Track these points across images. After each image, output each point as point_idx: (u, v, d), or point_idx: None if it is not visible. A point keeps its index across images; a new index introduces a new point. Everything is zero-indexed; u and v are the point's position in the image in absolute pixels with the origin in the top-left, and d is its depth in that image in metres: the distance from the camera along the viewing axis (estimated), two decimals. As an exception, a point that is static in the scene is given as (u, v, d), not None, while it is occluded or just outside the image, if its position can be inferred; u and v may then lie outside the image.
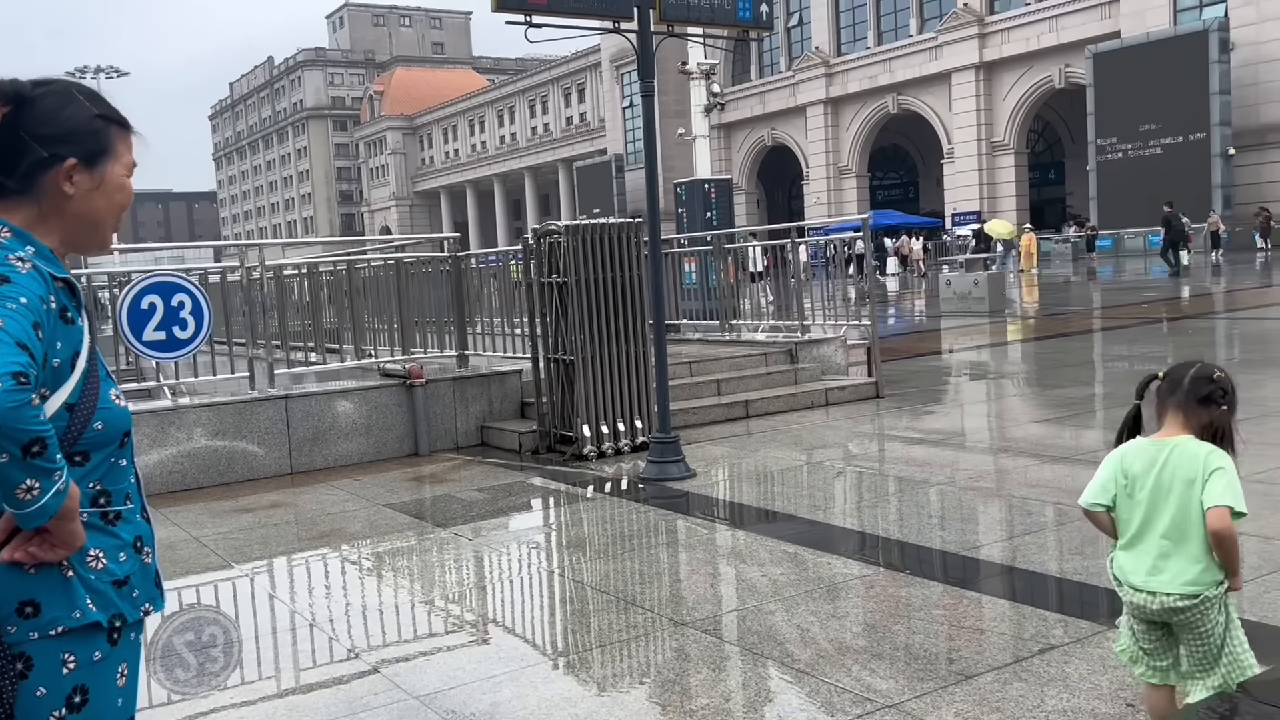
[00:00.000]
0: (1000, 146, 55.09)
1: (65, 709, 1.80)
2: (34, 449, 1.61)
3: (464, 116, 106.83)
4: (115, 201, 1.95)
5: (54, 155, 1.85)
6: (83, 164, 1.88)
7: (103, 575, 1.83)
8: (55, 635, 1.78)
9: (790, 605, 4.51)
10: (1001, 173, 55.42)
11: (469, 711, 3.60)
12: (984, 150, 55.41)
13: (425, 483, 8.00)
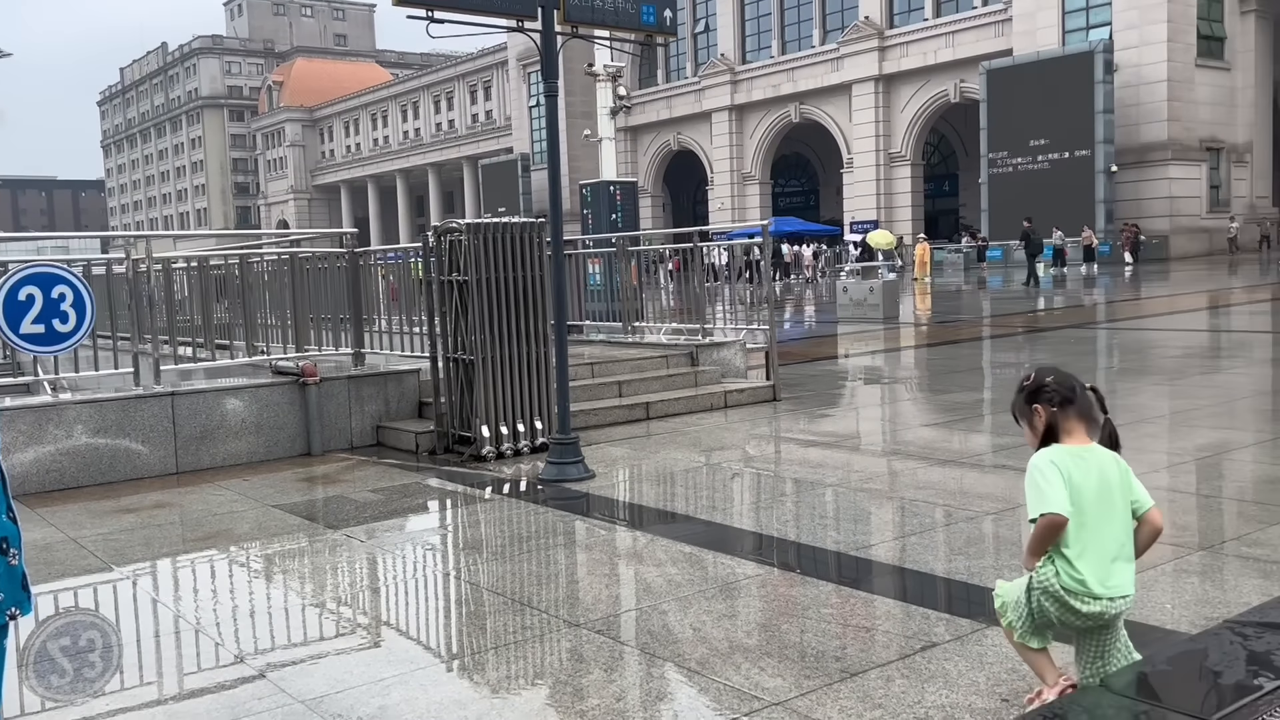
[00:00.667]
0: (897, 158, 56.53)
1: None
2: None
3: (366, 110, 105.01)
4: None
5: None
6: None
7: None
8: None
9: (685, 605, 4.55)
10: (898, 183, 56.87)
11: (356, 715, 3.55)
12: (882, 161, 56.80)
13: (318, 483, 7.84)
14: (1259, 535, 5.15)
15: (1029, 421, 3.11)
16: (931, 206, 60.78)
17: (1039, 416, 3.07)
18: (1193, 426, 8.30)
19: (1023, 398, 3.12)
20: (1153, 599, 4.30)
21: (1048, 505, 2.88)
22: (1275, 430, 8.13)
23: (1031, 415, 3.09)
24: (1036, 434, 3.08)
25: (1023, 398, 3.12)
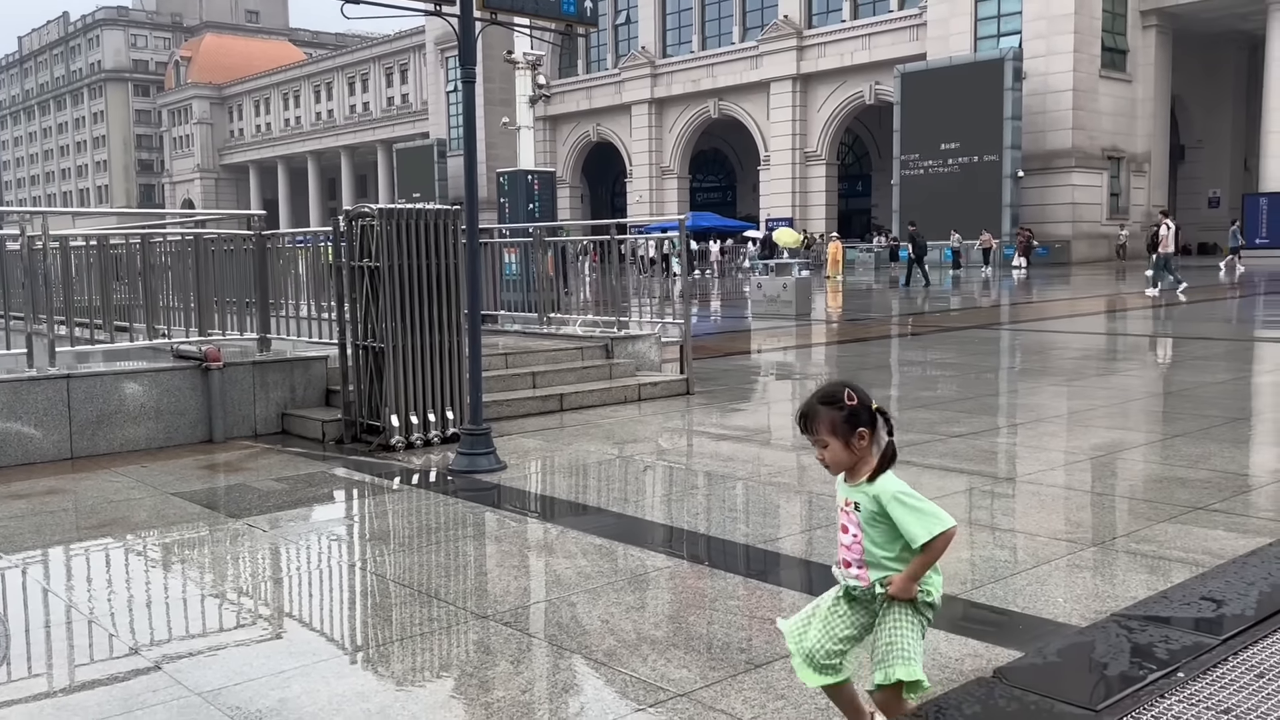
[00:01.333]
0: (813, 157, 57.31)
1: None
2: None
3: (278, 89, 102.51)
4: None
5: None
6: None
7: None
8: None
9: (594, 597, 4.56)
10: (813, 181, 57.68)
11: (254, 708, 3.47)
12: (798, 159, 57.53)
13: (219, 471, 7.65)
14: (1147, 532, 5.36)
15: (846, 442, 2.88)
16: (845, 206, 61.83)
17: (865, 441, 2.89)
18: (1088, 426, 8.59)
19: (844, 416, 2.87)
20: (1046, 593, 4.45)
21: (945, 520, 2.83)
22: (1166, 430, 8.46)
23: (854, 438, 2.88)
24: (857, 457, 2.90)
25: (844, 416, 2.87)
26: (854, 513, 2.93)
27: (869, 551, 2.91)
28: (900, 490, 2.87)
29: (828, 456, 2.93)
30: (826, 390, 2.93)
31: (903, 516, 2.84)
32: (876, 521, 2.89)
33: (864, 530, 2.91)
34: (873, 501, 2.88)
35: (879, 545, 2.90)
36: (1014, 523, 5.72)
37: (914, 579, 2.88)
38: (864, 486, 2.90)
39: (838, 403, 2.89)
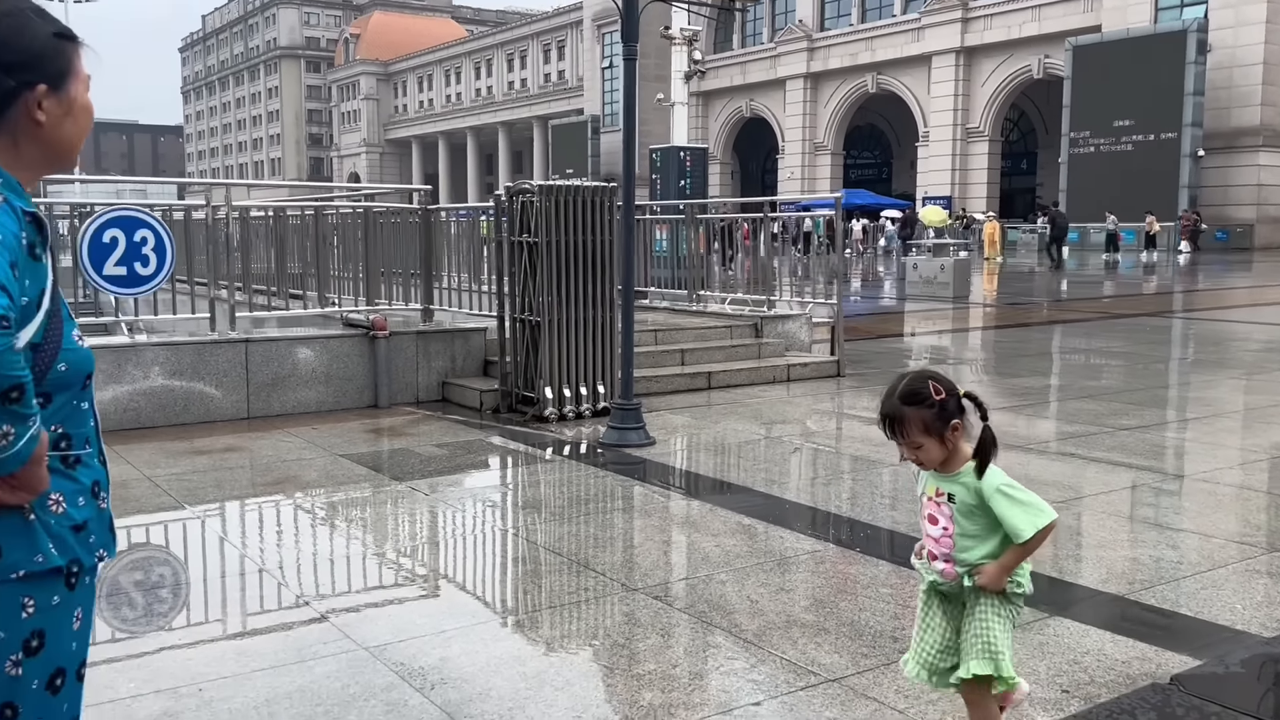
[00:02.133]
0: (975, 133, 55.37)
1: (22, 653, 1.78)
2: (12, 395, 1.57)
3: (440, 66, 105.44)
4: (82, 125, 1.89)
5: (22, 83, 1.77)
6: (51, 89, 1.81)
7: (62, 520, 1.81)
8: (16, 579, 1.75)
9: (741, 576, 4.57)
10: (974, 159, 55.74)
11: (418, 665, 3.63)
12: (959, 136, 55.67)
13: (383, 435, 7.98)
14: (1335, 539, 5.01)
15: (941, 438, 2.73)
16: (1008, 184, 59.56)
17: (958, 432, 2.74)
18: (1270, 423, 8.08)
19: (935, 412, 2.70)
20: (1220, 598, 4.22)
21: (1048, 512, 2.71)
22: (1357, 432, 7.88)
23: (948, 432, 2.72)
24: (950, 450, 2.75)
25: (935, 412, 2.70)
26: (947, 504, 2.79)
27: (960, 544, 2.78)
28: (1005, 483, 2.73)
29: (922, 457, 2.76)
30: (909, 388, 2.73)
31: (1007, 510, 2.70)
32: (974, 514, 2.76)
33: (957, 522, 2.78)
34: (973, 494, 2.74)
35: (973, 538, 2.77)
36: (1184, 522, 5.44)
37: (1007, 571, 2.75)
38: (963, 478, 2.76)
39: (925, 400, 2.70)
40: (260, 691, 3.43)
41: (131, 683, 3.50)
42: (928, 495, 2.84)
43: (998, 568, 2.74)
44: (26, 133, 1.81)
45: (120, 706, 3.31)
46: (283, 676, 3.55)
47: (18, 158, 1.81)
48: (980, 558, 2.76)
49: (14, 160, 1.81)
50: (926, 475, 2.84)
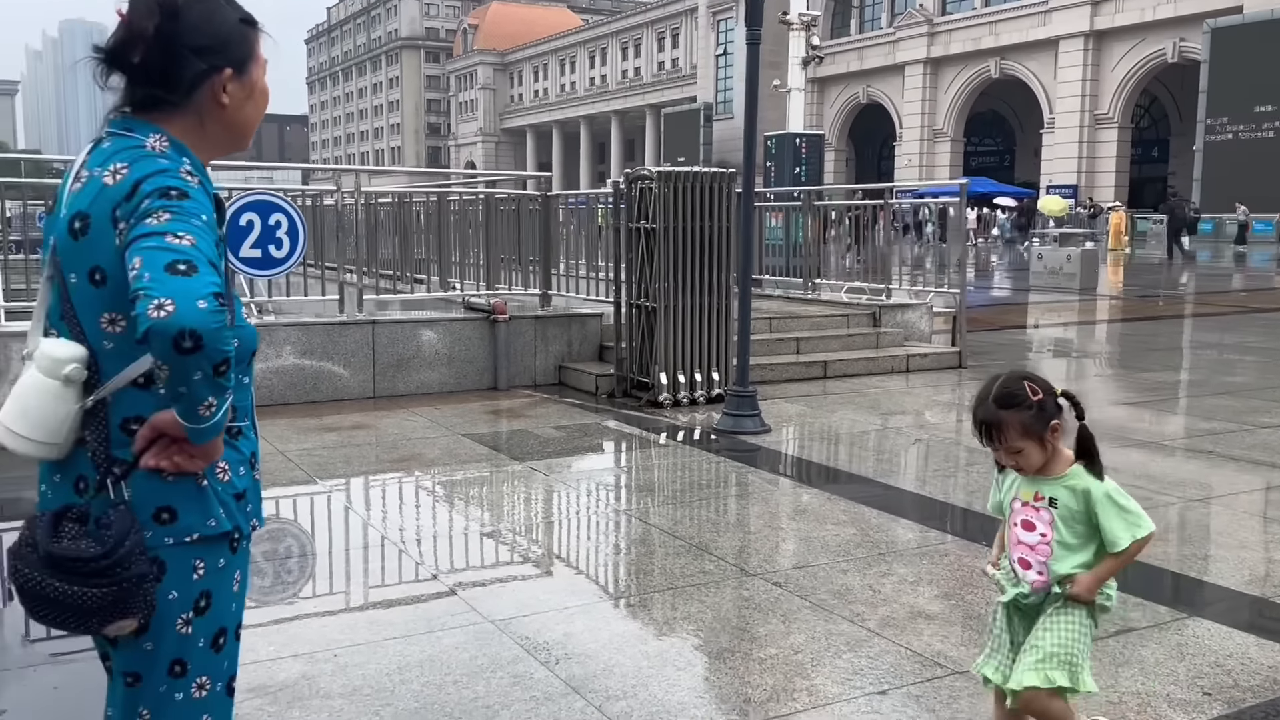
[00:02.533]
0: (1104, 119, 53.32)
1: (192, 612, 1.89)
2: (221, 368, 1.65)
3: (556, 55, 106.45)
4: (260, 107, 1.98)
5: (211, 67, 1.86)
6: (235, 73, 1.89)
7: (227, 488, 1.91)
8: (190, 542, 1.85)
9: (862, 566, 4.52)
10: (1102, 147, 53.70)
11: (542, 639, 3.70)
12: (1086, 122, 53.68)
13: (502, 416, 8.13)
14: None
15: (1041, 441, 2.60)
16: (1137, 173, 57.20)
17: (1058, 433, 2.62)
18: None
19: (1034, 415, 2.57)
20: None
21: (1148, 523, 2.58)
22: None
23: (1048, 434, 2.60)
24: (1050, 453, 2.63)
25: (1034, 415, 2.57)
26: (1046, 509, 2.64)
27: (1057, 553, 2.62)
28: (1113, 488, 2.60)
29: (1022, 462, 2.63)
30: (1004, 390, 2.60)
31: (1111, 517, 2.56)
32: (1075, 520, 2.61)
33: (1057, 529, 2.62)
34: (1078, 498, 2.60)
35: (1071, 547, 2.62)
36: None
37: (1101, 581, 2.62)
38: (1069, 480, 2.62)
39: (1023, 401, 2.58)
40: (392, 659, 3.54)
41: (271, 646, 3.66)
42: (1021, 500, 2.69)
43: (1092, 578, 2.60)
44: (211, 114, 1.89)
45: (262, 668, 3.47)
46: (413, 645, 3.66)
47: (203, 138, 1.89)
48: (1073, 567, 2.62)
49: (199, 140, 1.89)
50: (1016, 479, 2.71)
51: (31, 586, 1.73)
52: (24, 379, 1.79)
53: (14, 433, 1.78)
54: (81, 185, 1.80)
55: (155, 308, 1.57)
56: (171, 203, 1.70)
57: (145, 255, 1.63)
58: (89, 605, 1.71)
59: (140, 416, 1.80)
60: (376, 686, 3.34)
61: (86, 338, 1.78)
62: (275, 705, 3.21)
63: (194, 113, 1.88)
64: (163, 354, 1.59)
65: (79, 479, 1.83)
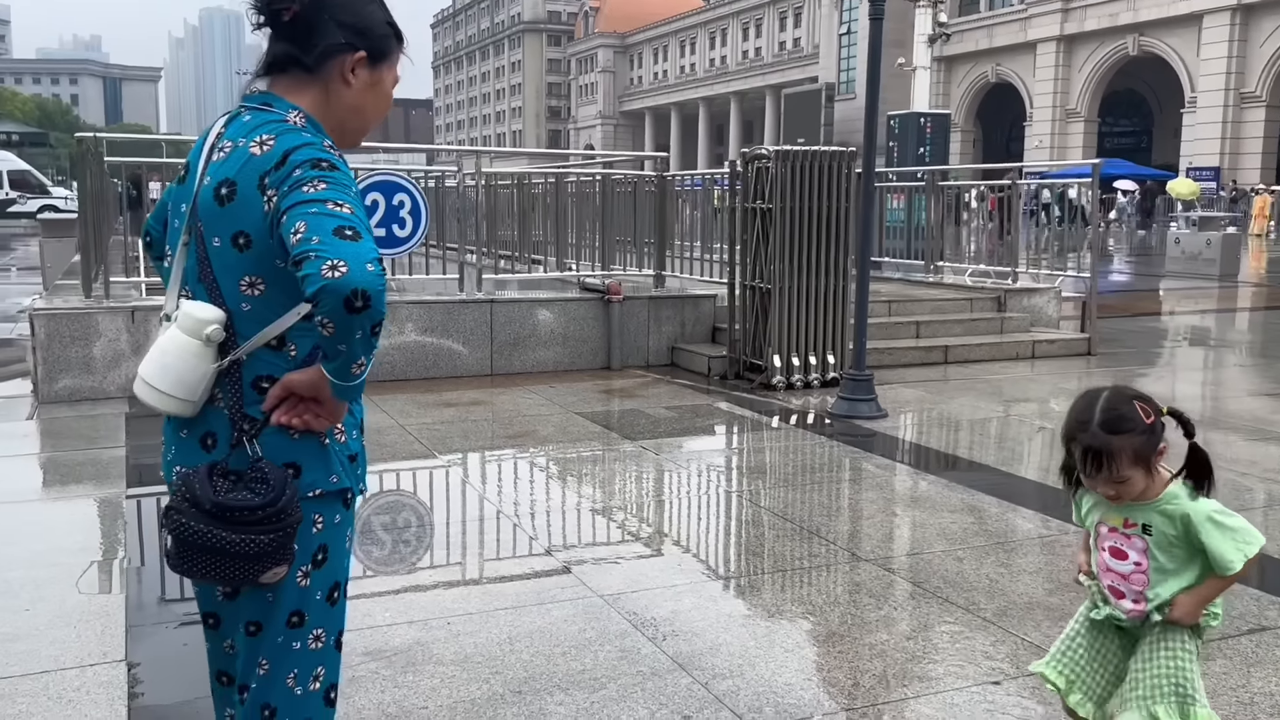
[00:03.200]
0: (1250, 98, 50.47)
1: (311, 565, 1.99)
2: (377, 329, 1.74)
3: (675, 37, 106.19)
4: (381, 107, 2.06)
5: (348, 44, 1.95)
6: (369, 59, 1.98)
7: (343, 449, 1.99)
8: (312, 497, 1.94)
9: (979, 554, 4.41)
10: (1248, 127, 50.86)
11: (650, 615, 3.72)
12: (1231, 101, 50.90)
13: (615, 396, 8.18)
14: None
15: (1149, 467, 2.32)
16: (1284, 155, 54.05)
17: (1163, 456, 2.34)
18: None
19: (1145, 439, 2.29)
20: None
21: (1257, 537, 2.32)
22: None
23: (1156, 459, 2.33)
24: (1154, 478, 2.35)
25: (1145, 439, 2.29)
26: (1139, 536, 2.38)
27: (1154, 579, 2.38)
28: (1215, 508, 2.34)
29: (1124, 492, 2.33)
30: (1113, 413, 2.29)
31: (1218, 540, 2.30)
32: (1174, 546, 2.36)
33: (1153, 556, 2.38)
34: (1175, 523, 2.35)
35: (1170, 573, 2.37)
36: None
37: (1205, 603, 2.38)
38: (1165, 504, 2.36)
39: (1137, 427, 2.28)
40: (503, 629, 3.61)
41: (388, 612, 3.77)
42: (1108, 526, 2.44)
43: (1195, 600, 2.37)
44: (335, 91, 1.97)
45: (379, 633, 3.58)
46: (523, 616, 3.73)
47: (325, 117, 1.97)
48: (1174, 593, 2.38)
49: (323, 112, 1.97)
50: (1100, 503, 2.45)
51: (196, 538, 1.79)
52: (164, 338, 1.87)
53: (153, 388, 1.87)
54: (225, 155, 1.88)
55: (329, 268, 1.65)
56: (324, 173, 1.79)
57: (310, 220, 1.71)
58: (254, 552, 1.79)
59: (272, 376, 1.87)
60: (487, 655, 3.41)
61: (224, 300, 1.86)
62: (390, 669, 3.31)
63: (321, 85, 1.96)
64: (332, 311, 1.67)
65: (206, 435, 1.91)
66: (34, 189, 38.15)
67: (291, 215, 1.74)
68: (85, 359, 7.50)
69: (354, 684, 3.19)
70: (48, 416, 7.14)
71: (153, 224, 2.14)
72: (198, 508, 1.79)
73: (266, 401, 1.87)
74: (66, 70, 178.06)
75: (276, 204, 1.79)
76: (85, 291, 7.91)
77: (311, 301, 1.68)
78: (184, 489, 1.82)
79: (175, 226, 1.98)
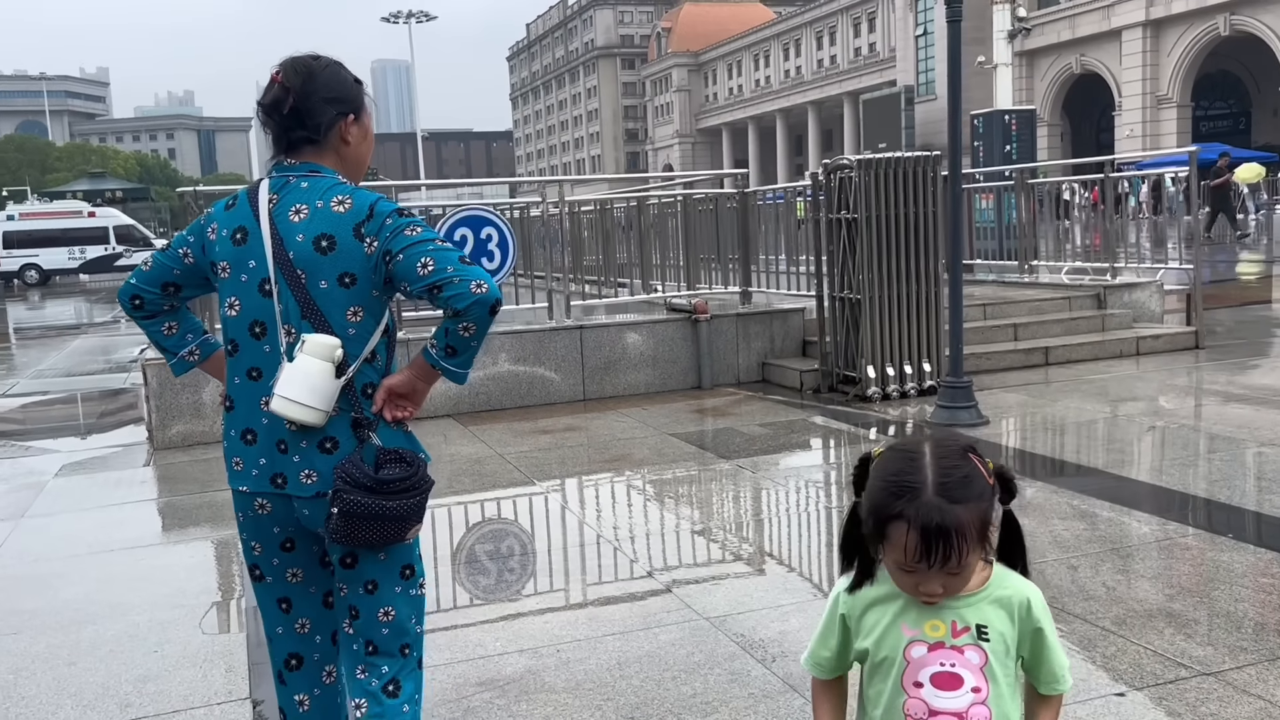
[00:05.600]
0: (1355, 69, 48.34)
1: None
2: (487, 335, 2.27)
3: (749, 51, 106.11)
4: (370, 147, 2.50)
5: (339, 113, 2.39)
6: (355, 118, 2.43)
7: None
8: None
9: (1095, 561, 4.28)
10: (1355, 99, 48.67)
11: (758, 637, 3.69)
12: (1334, 74, 48.83)
13: (708, 415, 8.17)
14: None
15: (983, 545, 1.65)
16: (1398, 127, 51.53)
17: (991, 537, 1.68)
18: None
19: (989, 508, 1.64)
20: None
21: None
22: None
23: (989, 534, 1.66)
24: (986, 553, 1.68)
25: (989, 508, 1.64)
26: (974, 645, 1.67)
27: (998, 711, 1.67)
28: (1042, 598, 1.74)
29: (956, 585, 1.65)
30: (951, 474, 1.61)
31: (1054, 642, 1.73)
32: (1009, 654, 1.69)
33: (991, 675, 1.67)
34: (1014, 617, 1.69)
35: (1010, 697, 1.70)
36: None
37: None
38: (997, 592, 1.69)
39: (982, 492, 1.63)
40: (612, 654, 3.63)
41: (498, 641, 3.82)
42: (925, 643, 1.68)
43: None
44: (340, 150, 2.42)
45: (490, 663, 3.62)
46: (631, 642, 3.73)
47: (344, 169, 2.42)
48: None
49: (341, 169, 2.41)
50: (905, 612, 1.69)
51: (361, 509, 2.20)
52: (299, 365, 2.24)
53: (305, 405, 2.24)
54: (306, 215, 2.30)
55: (476, 286, 2.17)
56: (410, 219, 2.27)
57: (434, 255, 2.20)
58: (405, 514, 2.25)
59: (372, 383, 2.33)
60: (598, 681, 3.43)
61: (333, 329, 2.27)
62: (504, 699, 3.35)
63: (330, 150, 2.41)
64: (479, 319, 2.18)
65: (324, 440, 2.29)
66: (138, 243, 39.81)
67: (410, 254, 2.21)
68: (196, 405, 7.79)
69: (470, 714, 3.24)
70: (164, 462, 7.42)
71: (144, 286, 2.48)
72: (360, 486, 2.20)
73: (375, 403, 2.31)
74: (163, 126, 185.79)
75: (381, 248, 2.24)
76: (193, 339, 8.21)
77: (458, 313, 2.16)
78: (344, 476, 2.21)
79: (242, 281, 2.35)
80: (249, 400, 2.34)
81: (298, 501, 2.31)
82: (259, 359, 2.33)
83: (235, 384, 2.38)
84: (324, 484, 2.27)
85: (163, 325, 2.53)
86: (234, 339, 2.37)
